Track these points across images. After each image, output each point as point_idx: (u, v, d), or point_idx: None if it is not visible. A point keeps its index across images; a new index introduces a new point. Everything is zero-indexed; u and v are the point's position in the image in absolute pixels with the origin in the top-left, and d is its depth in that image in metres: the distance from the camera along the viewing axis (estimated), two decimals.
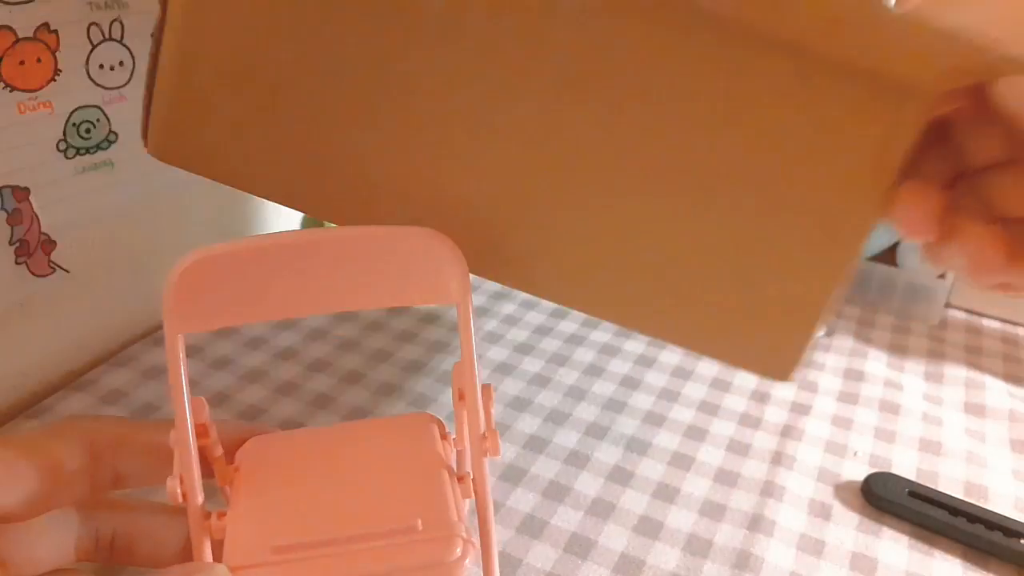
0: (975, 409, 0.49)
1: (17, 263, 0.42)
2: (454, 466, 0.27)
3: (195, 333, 0.48)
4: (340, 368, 0.49)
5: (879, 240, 0.58)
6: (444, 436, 0.28)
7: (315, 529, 0.24)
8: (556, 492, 0.40)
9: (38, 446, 0.26)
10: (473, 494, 0.26)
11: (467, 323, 0.26)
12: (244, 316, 0.27)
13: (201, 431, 0.26)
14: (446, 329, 0.54)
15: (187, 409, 0.25)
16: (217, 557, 0.25)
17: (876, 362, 0.53)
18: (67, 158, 0.43)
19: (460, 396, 0.28)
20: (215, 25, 0.28)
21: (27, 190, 0.42)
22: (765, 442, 0.45)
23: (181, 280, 0.26)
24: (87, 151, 0.44)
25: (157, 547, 0.30)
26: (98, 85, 0.44)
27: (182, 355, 0.25)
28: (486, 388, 0.27)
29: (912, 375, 0.52)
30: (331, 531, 0.24)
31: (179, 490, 0.25)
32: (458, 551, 0.24)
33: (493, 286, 0.60)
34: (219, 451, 0.28)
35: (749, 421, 0.46)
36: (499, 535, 0.37)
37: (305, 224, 0.65)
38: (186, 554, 0.29)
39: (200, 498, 0.26)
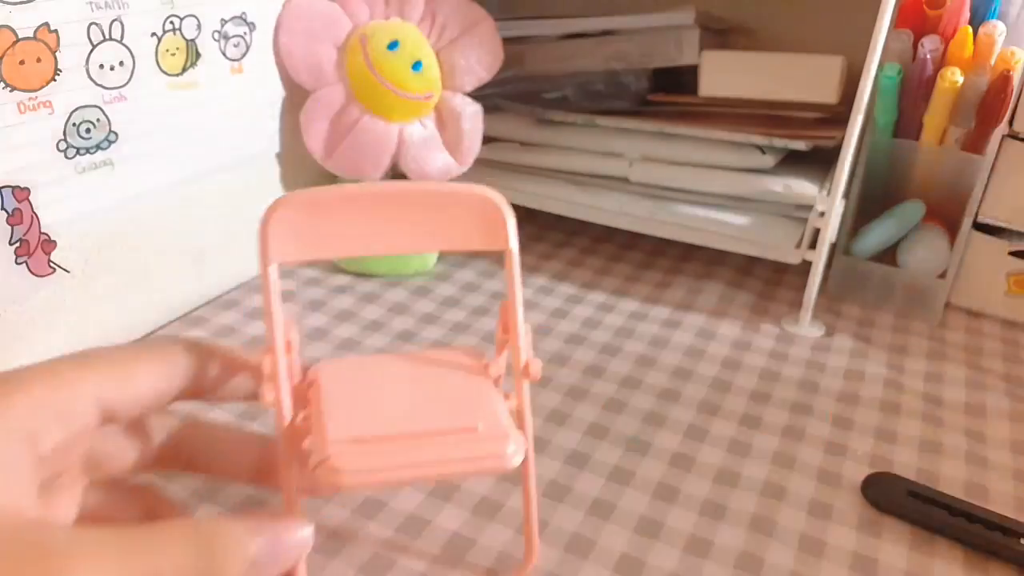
0: (975, 409, 0.49)
1: (17, 263, 0.42)
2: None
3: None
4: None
5: (879, 240, 0.58)
6: (485, 365, 0.33)
7: (389, 426, 0.28)
8: (556, 492, 0.40)
9: (156, 351, 0.30)
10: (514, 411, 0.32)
11: (512, 268, 0.31)
12: (327, 252, 0.31)
13: (287, 348, 0.31)
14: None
15: (280, 327, 0.30)
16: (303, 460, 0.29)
17: (876, 362, 0.53)
18: (67, 158, 0.43)
19: (504, 330, 0.33)
20: None
21: (27, 190, 0.42)
22: (765, 442, 0.45)
23: (276, 216, 0.30)
24: (87, 151, 0.44)
25: (231, 463, 0.33)
26: (98, 85, 0.44)
27: (275, 281, 0.30)
28: (526, 325, 0.32)
29: (912, 375, 0.52)
30: (404, 428, 0.28)
31: (270, 398, 0.29)
32: (512, 447, 0.28)
33: (494, 287, 0.60)
34: (298, 374, 0.32)
35: (749, 421, 0.46)
36: (499, 536, 0.37)
37: None
38: (258, 470, 0.33)
39: (289, 404, 0.30)
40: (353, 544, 0.36)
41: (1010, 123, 0.54)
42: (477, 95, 0.60)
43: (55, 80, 0.41)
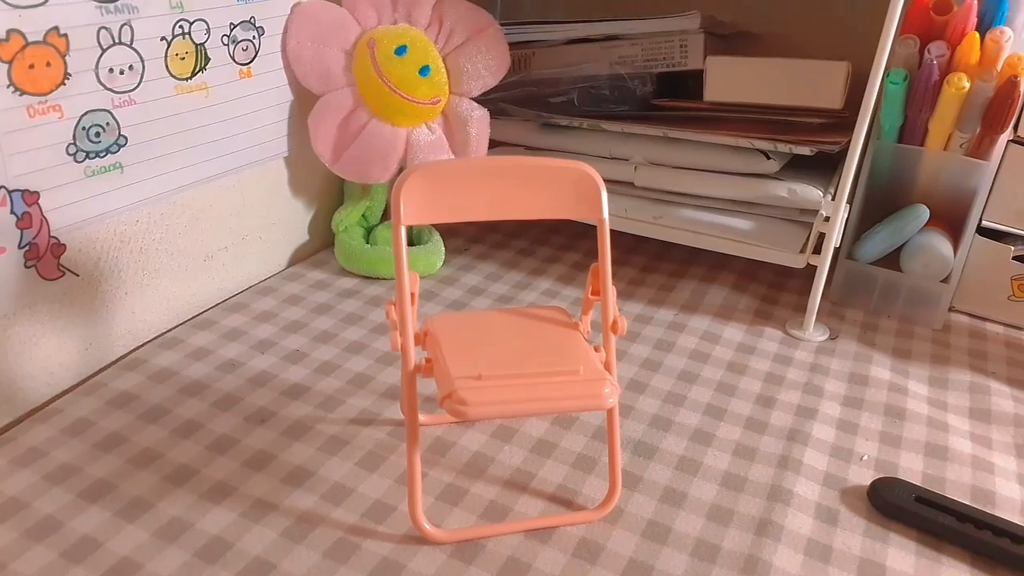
0: (980, 414, 0.49)
1: (27, 267, 0.42)
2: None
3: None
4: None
5: (883, 244, 0.59)
6: (575, 322, 0.38)
7: (504, 367, 0.33)
8: (564, 495, 0.40)
9: None
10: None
11: (605, 236, 0.36)
12: (449, 216, 0.35)
13: (412, 300, 0.35)
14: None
15: (406, 280, 0.35)
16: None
17: (880, 366, 0.53)
18: (76, 162, 0.43)
19: (594, 292, 0.38)
20: None
21: (37, 194, 0.42)
22: (771, 446, 0.45)
23: (407, 185, 0.34)
24: (96, 155, 0.44)
25: None
26: (108, 89, 0.44)
27: (404, 242, 0.34)
28: (612, 287, 0.37)
29: (916, 379, 0.52)
30: (516, 369, 0.34)
31: (399, 341, 0.35)
32: (608, 389, 0.34)
33: (500, 290, 0.60)
34: (417, 324, 0.36)
35: (755, 425, 0.46)
36: (506, 539, 0.37)
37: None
38: None
39: (413, 348, 0.35)
40: (361, 551, 0.36)
41: (1015, 128, 0.54)
42: (483, 99, 0.60)
43: (64, 84, 0.42)
